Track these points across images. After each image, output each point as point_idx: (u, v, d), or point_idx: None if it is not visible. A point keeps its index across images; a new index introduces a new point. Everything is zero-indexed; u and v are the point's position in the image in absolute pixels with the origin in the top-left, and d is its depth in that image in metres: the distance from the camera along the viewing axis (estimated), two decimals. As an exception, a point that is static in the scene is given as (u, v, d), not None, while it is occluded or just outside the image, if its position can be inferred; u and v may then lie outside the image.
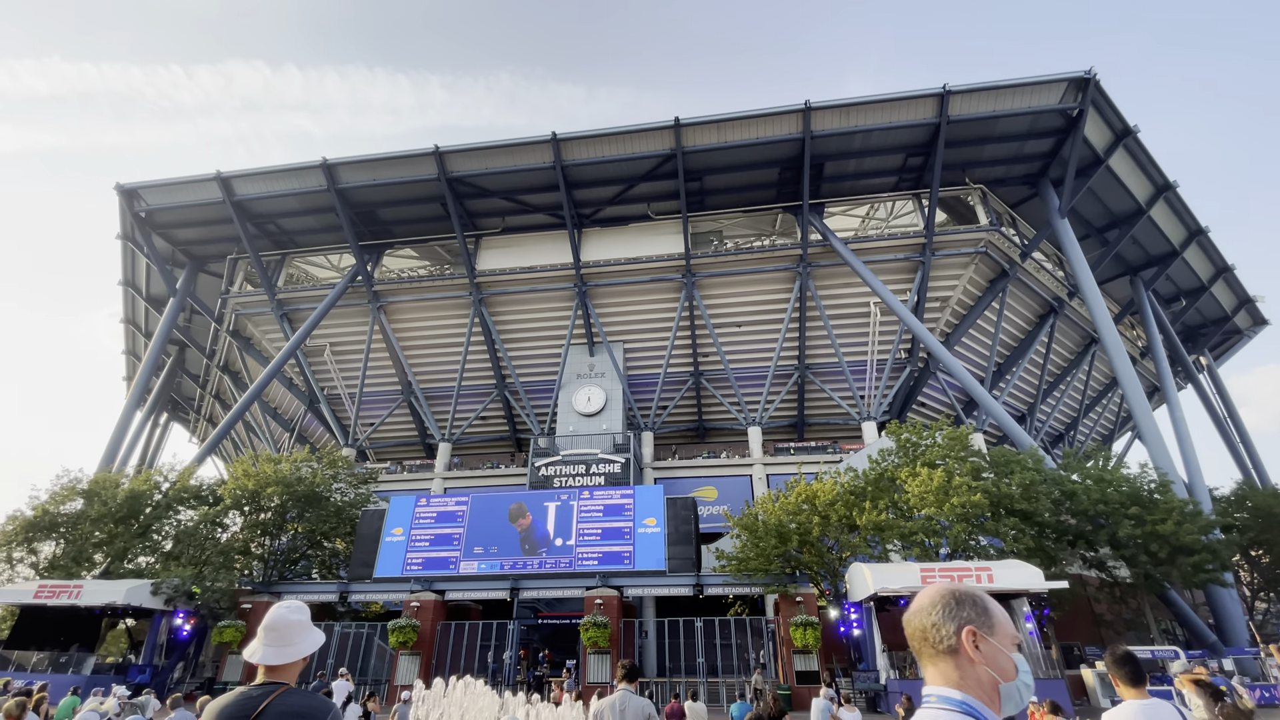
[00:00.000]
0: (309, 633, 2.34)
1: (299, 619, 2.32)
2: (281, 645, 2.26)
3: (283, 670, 2.26)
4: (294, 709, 2.15)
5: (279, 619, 2.28)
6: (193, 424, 48.43)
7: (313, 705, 2.21)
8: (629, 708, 4.35)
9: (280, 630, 2.27)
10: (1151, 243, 35.17)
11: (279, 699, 2.15)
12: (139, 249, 36.74)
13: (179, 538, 27.65)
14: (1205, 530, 22.15)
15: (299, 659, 2.30)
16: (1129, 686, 3.15)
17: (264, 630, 2.28)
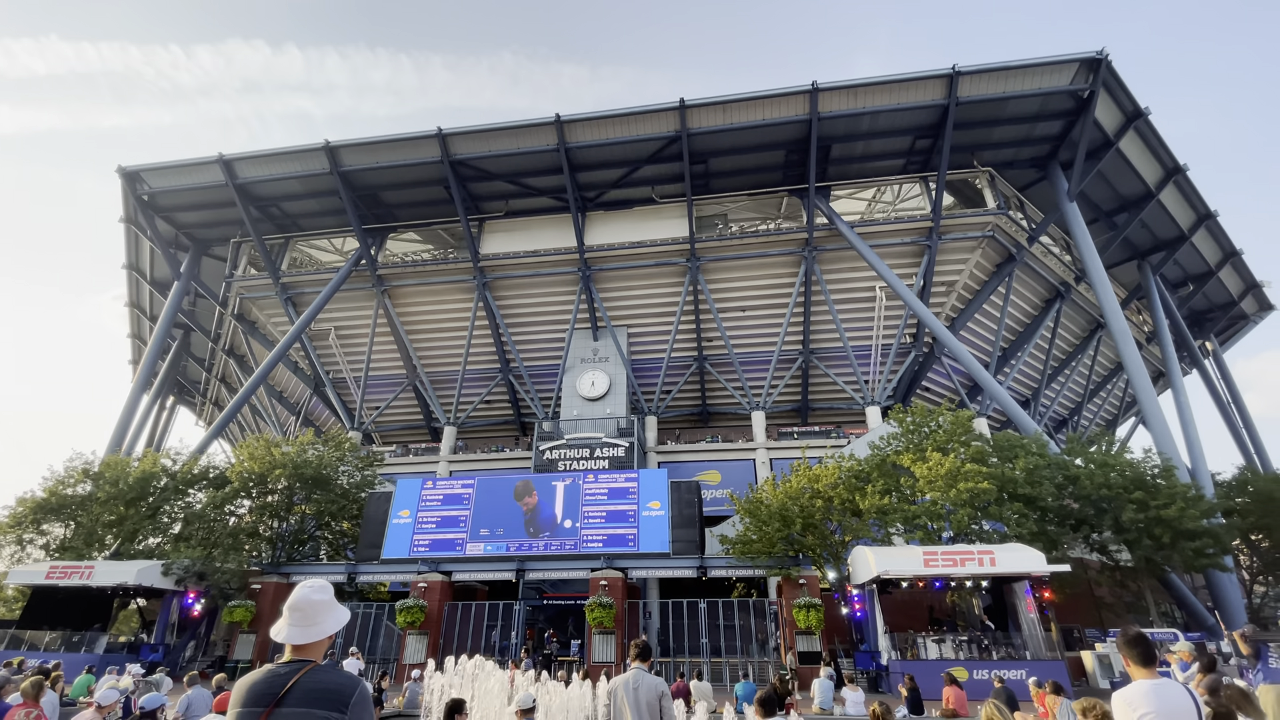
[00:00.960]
0: (333, 611, 2.37)
1: (322, 599, 2.35)
2: (306, 625, 2.29)
3: (309, 648, 2.29)
4: (322, 685, 2.17)
5: (302, 599, 2.31)
6: (199, 407, 48.74)
7: (341, 682, 2.23)
8: (642, 685, 4.42)
9: (304, 610, 2.30)
10: (1160, 227, 34.84)
11: (307, 676, 2.17)
12: (142, 232, 36.73)
13: (188, 520, 27.99)
14: (1207, 515, 22.22)
15: (324, 637, 2.32)
16: (1140, 666, 3.20)
17: (288, 610, 2.32)
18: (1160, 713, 3.02)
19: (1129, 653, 3.27)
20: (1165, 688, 3.11)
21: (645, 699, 4.35)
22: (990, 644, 18.65)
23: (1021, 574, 18.50)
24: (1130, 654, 3.26)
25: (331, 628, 2.35)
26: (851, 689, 12.78)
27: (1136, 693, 3.13)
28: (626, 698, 4.36)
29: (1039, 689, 10.10)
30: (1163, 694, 3.07)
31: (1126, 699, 3.17)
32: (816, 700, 12.85)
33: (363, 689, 2.24)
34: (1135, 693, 3.14)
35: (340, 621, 2.40)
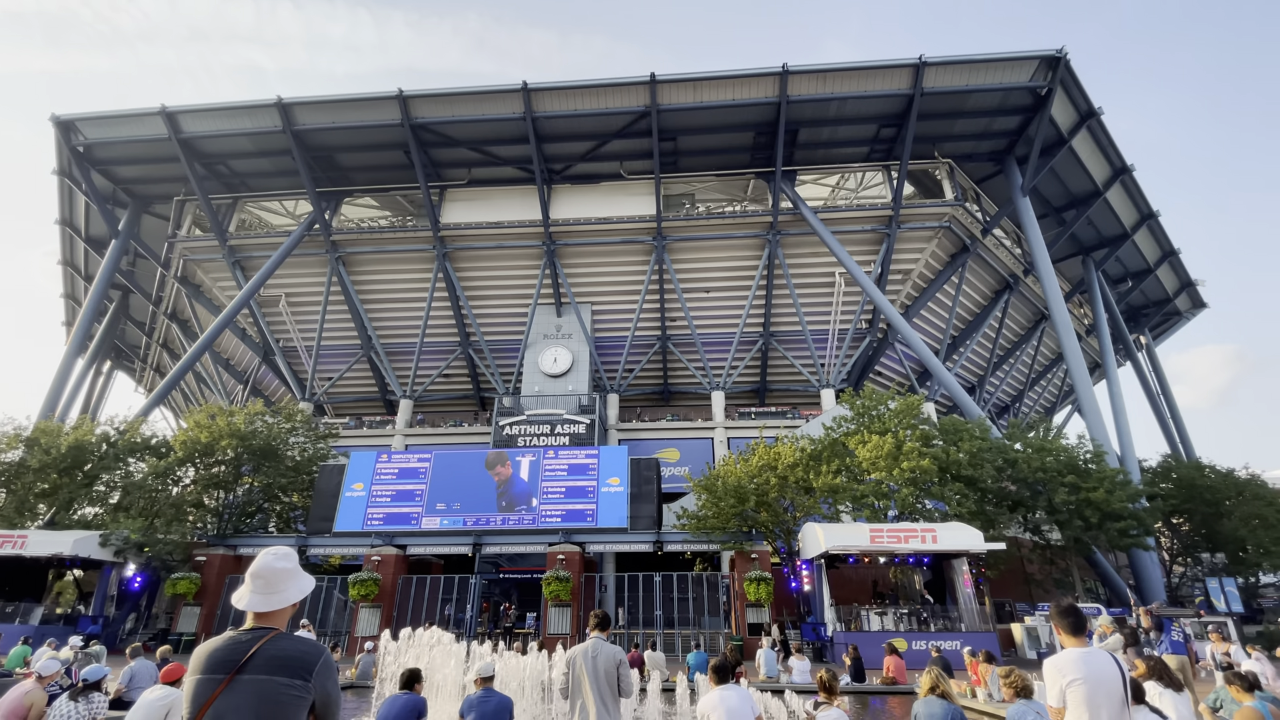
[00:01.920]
0: (297, 579, 2.32)
1: (286, 566, 2.29)
2: (269, 592, 2.25)
3: (273, 616, 2.25)
4: (285, 653, 2.13)
5: (265, 566, 2.26)
6: (139, 373, 46.54)
7: (305, 649, 2.18)
8: (601, 654, 4.52)
9: (266, 578, 2.25)
10: (1105, 224, 36.43)
11: (270, 643, 2.13)
12: (77, 186, 34.51)
13: (127, 490, 26.88)
14: (1133, 498, 23.72)
15: (288, 605, 2.28)
16: (1070, 636, 3.40)
17: (251, 577, 2.27)
18: (1087, 679, 3.20)
19: (1060, 623, 3.44)
20: (1093, 655, 3.30)
21: (603, 667, 4.45)
22: (929, 617, 19.62)
23: (961, 551, 19.45)
24: (1061, 624, 3.44)
25: (295, 596, 2.31)
26: (798, 658, 13.32)
27: (1066, 660, 3.32)
28: (585, 666, 4.46)
29: (973, 658, 10.74)
30: (1090, 661, 3.26)
31: (1057, 665, 3.34)
32: (762, 670, 13.34)
33: (327, 657, 2.21)
34: (1065, 660, 3.32)
35: (304, 590, 2.36)
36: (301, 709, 2.09)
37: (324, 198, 33.86)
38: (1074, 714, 3.24)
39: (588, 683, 4.40)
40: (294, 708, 2.07)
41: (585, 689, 4.40)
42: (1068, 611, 3.45)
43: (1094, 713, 3.18)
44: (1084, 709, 3.19)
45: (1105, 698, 3.18)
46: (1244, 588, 27.76)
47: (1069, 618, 3.44)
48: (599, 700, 4.36)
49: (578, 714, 4.39)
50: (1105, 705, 3.18)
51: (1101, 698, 3.18)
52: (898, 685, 12.39)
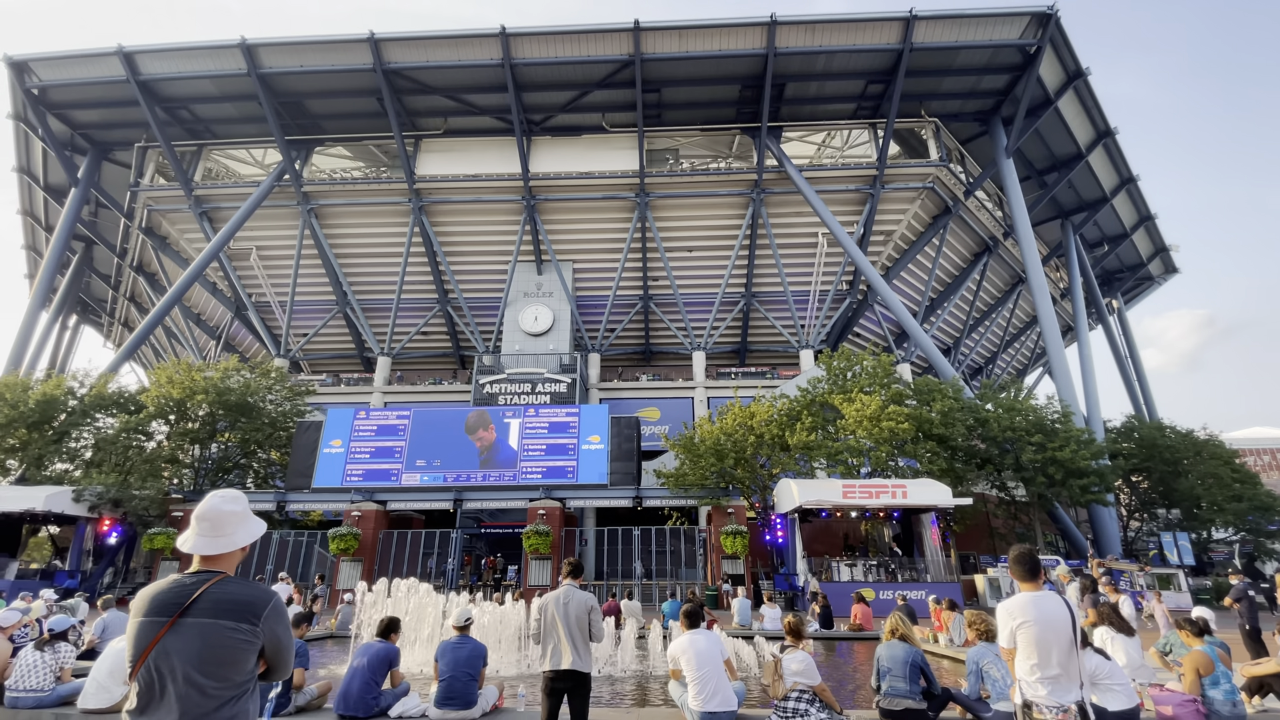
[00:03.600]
0: (245, 523, 2.22)
1: (233, 509, 2.19)
2: (215, 535, 2.14)
3: (220, 560, 2.14)
4: (232, 596, 2.02)
5: (211, 508, 2.16)
6: (106, 328, 45.31)
7: (253, 593, 2.07)
8: (572, 600, 4.62)
9: (212, 520, 2.15)
10: (1086, 188, 36.62)
11: (216, 586, 2.03)
12: (33, 131, 32.81)
13: (99, 445, 26.49)
14: (1096, 456, 24.59)
15: (235, 549, 2.18)
16: (1024, 581, 3.48)
17: (196, 519, 2.16)
18: (1037, 620, 3.27)
19: (1015, 569, 3.52)
20: (1043, 599, 3.36)
21: (575, 613, 4.56)
22: (896, 568, 20.38)
23: (929, 506, 20.09)
24: (1016, 570, 3.52)
25: (244, 539, 2.20)
26: (770, 606, 13.81)
27: (1017, 603, 3.40)
28: (557, 612, 4.56)
29: (937, 605, 11.22)
30: (1040, 604, 3.33)
31: (1008, 608, 3.42)
32: (736, 618, 13.83)
33: (277, 601, 2.10)
34: (1016, 603, 3.41)
35: (253, 534, 2.25)
36: (249, 653, 2.01)
37: (294, 146, 32.62)
38: (1024, 654, 3.32)
39: (560, 627, 4.51)
40: (241, 651, 1.99)
41: (559, 633, 4.51)
42: (1022, 558, 3.52)
43: (1044, 653, 3.26)
44: (1033, 649, 3.27)
45: (1055, 638, 3.25)
46: (1196, 542, 29.16)
47: (1023, 564, 3.50)
48: (571, 644, 4.47)
49: (550, 656, 4.50)
50: (1055, 645, 3.25)
51: (1051, 638, 3.25)
52: (865, 631, 12.93)
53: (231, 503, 2.21)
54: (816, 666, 4.74)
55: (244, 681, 2.01)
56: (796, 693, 4.61)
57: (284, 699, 5.01)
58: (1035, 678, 3.29)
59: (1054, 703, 3.22)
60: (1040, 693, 3.25)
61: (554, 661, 4.47)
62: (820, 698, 4.61)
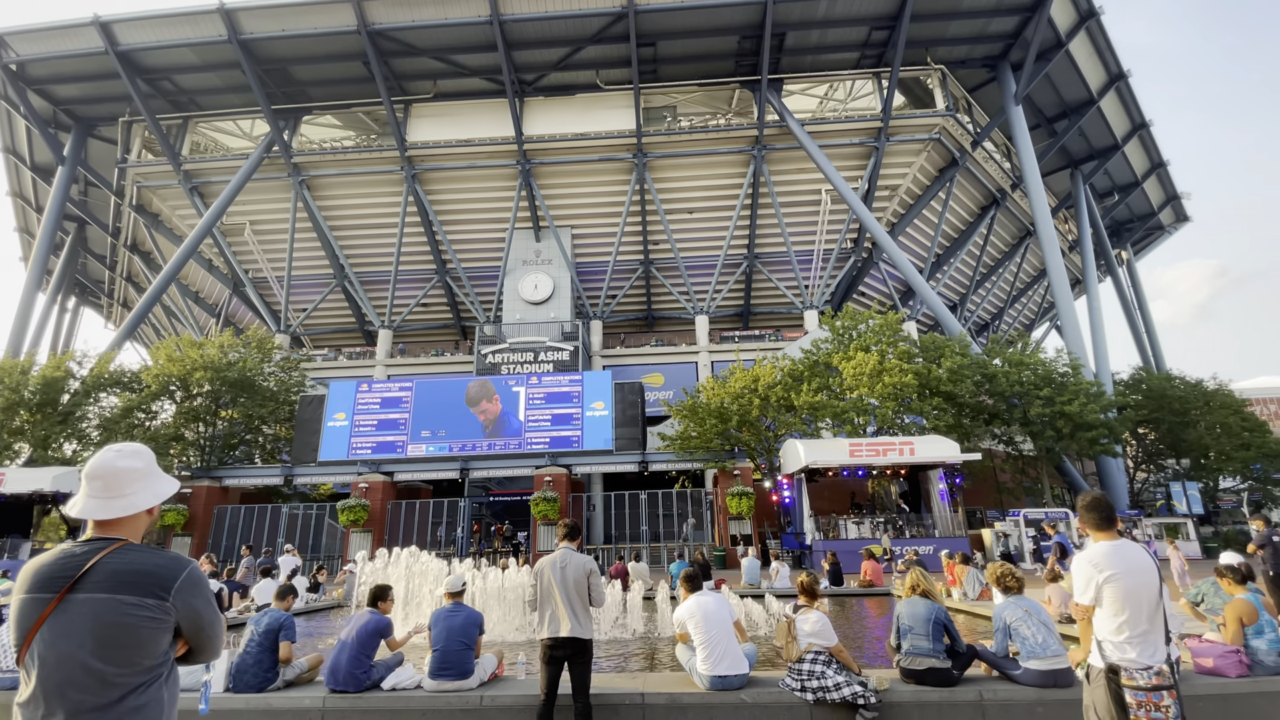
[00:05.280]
0: (147, 481, 1.87)
1: (130, 464, 1.85)
2: (109, 496, 1.81)
3: (119, 525, 1.81)
4: (133, 566, 1.71)
5: (103, 464, 1.82)
6: (106, 309, 45.05)
7: (160, 562, 1.76)
8: (570, 564, 4.40)
9: (104, 478, 1.81)
10: (1096, 135, 35.52)
11: (113, 556, 1.71)
12: (14, 109, 32.02)
13: (104, 425, 26.51)
14: (1105, 409, 24.34)
15: (136, 512, 1.84)
16: (1098, 530, 3.15)
17: (86, 478, 1.83)
18: (1125, 572, 2.97)
19: (1088, 517, 3.17)
20: (1127, 548, 3.07)
21: (573, 577, 4.35)
22: (904, 524, 20.36)
23: (938, 462, 19.95)
24: (1090, 518, 3.17)
25: (146, 501, 1.85)
26: (780, 565, 13.77)
27: (1100, 553, 3.06)
28: (554, 577, 4.35)
29: (950, 559, 11.11)
30: (1126, 554, 3.03)
31: (1091, 560, 3.07)
32: (744, 577, 13.80)
33: (193, 572, 1.78)
34: (1099, 553, 3.07)
35: (160, 494, 1.90)
36: (157, 633, 1.70)
37: (281, 116, 31.76)
38: (1110, 611, 3.00)
39: (558, 593, 4.31)
40: (146, 631, 1.68)
41: (555, 598, 4.31)
42: (1096, 504, 3.15)
43: (1134, 608, 2.95)
44: (1123, 604, 2.96)
45: (1145, 591, 2.96)
46: (1204, 492, 29.11)
47: (1098, 510, 3.14)
48: (569, 609, 4.28)
49: (548, 623, 4.31)
50: (1145, 599, 2.96)
51: (1141, 591, 2.96)
52: (875, 587, 12.89)
53: (129, 457, 1.87)
54: (832, 626, 4.53)
55: (154, 666, 1.71)
56: (812, 654, 4.41)
57: (271, 674, 4.86)
58: (1123, 637, 2.97)
59: (1144, 663, 2.90)
60: (1129, 654, 2.93)
61: (552, 629, 4.28)
62: (837, 659, 4.42)
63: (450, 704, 4.55)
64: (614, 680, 5.02)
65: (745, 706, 4.42)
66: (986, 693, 4.41)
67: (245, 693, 4.75)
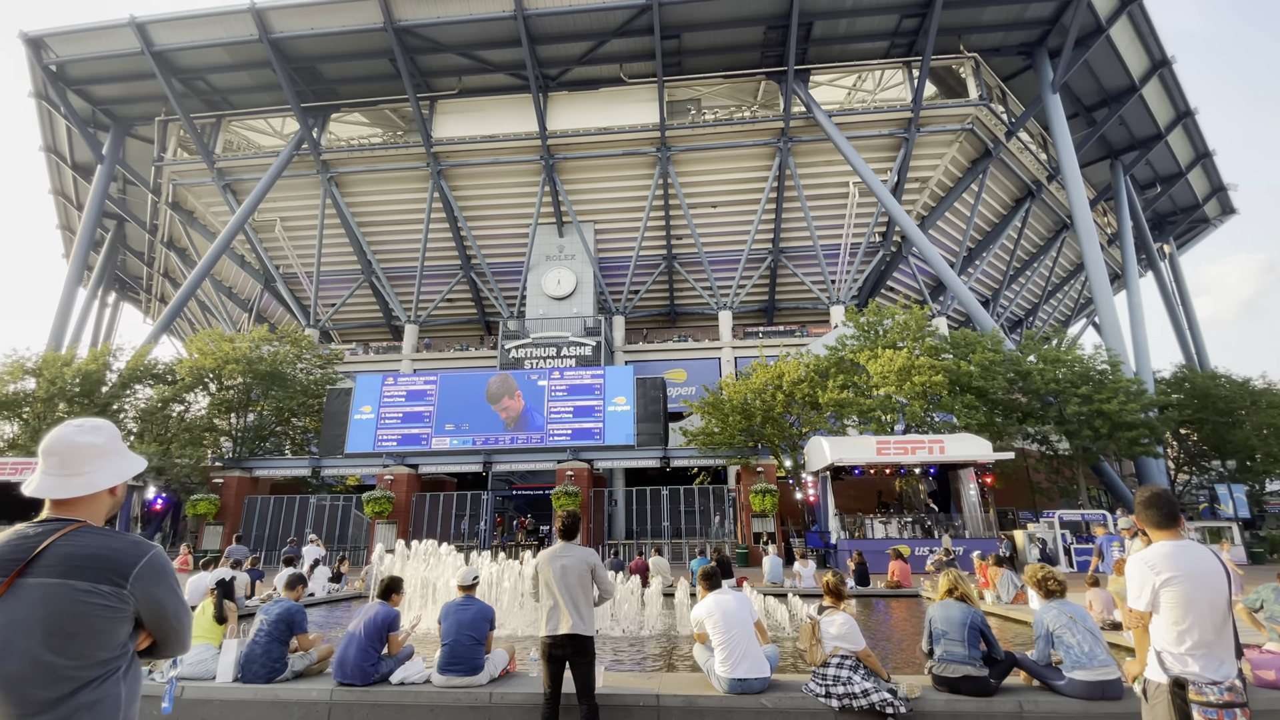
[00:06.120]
0: (109, 458, 1.72)
1: (89, 440, 1.71)
2: (66, 473, 1.67)
3: (77, 505, 1.68)
4: (88, 550, 1.57)
5: (60, 440, 1.68)
6: (145, 304, 46.35)
7: (118, 546, 1.61)
8: (569, 557, 4.23)
9: (61, 455, 1.67)
10: (1138, 124, 34.17)
11: (68, 538, 1.58)
12: (55, 109, 33.01)
13: (141, 417, 27.25)
14: (1146, 408, 23.41)
15: (96, 491, 1.69)
16: (1162, 528, 2.78)
17: (41, 454, 1.69)
18: (1188, 576, 2.62)
19: (1148, 514, 2.78)
20: (1191, 549, 2.70)
21: (574, 570, 4.19)
22: (933, 524, 19.83)
23: (968, 461, 19.38)
24: (1149, 516, 2.77)
25: (107, 480, 1.71)
26: (803, 564, 13.47)
27: (1159, 554, 2.70)
28: (552, 572, 4.19)
29: (982, 561, 10.72)
30: (1189, 556, 2.66)
31: (1148, 562, 2.71)
32: (766, 575, 13.53)
33: (154, 558, 1.64)
34: (1157, 554, 2.70)
35: (123, 473, 1.75)
36: (113, 623, 1.56)
37: (310, 114, 32.23)
38: (1171, 617, 2.64)
39: (556, 588, 4.16)
40: (100, 620, 1.54)
41: (555, 595, 4.16)
42: (1157, 500, 2.77)
43: (1197, 616, 2.60)
44: (1184, 611, 2.61)
45: (1210, 597, 2.61)
46: (1249, 495, 27.89)
47: (1158, 507, 2.76)
48: (570, 606, 4.11)
49: (546, 620, 4.16)
50: (1210, 607, 2.61)
51: (1205, 598, 2.61)
52: (902, 589, 12.52)
53: (89, 433, 1.72)
54: (859, 629, 4.29)
55: (110, 659, 1.56)
56: (837, 658, 4.18)
57: (280, 664, 4.79)
58: (1184, 648, 2.61)
59: (1210, 678, 2.56)
60: (1192, 668, 2.59)
61: (550, 625, 4.11)
62: (864, 664, 4.18)
63: (459, 700, 4.43)
64: (628, 680, 4.85)
65: (766, 712, 4.21)
66: (1027, 704, 4.14)
67: (253, 683, 4.69)
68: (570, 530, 4.37)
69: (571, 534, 4.37)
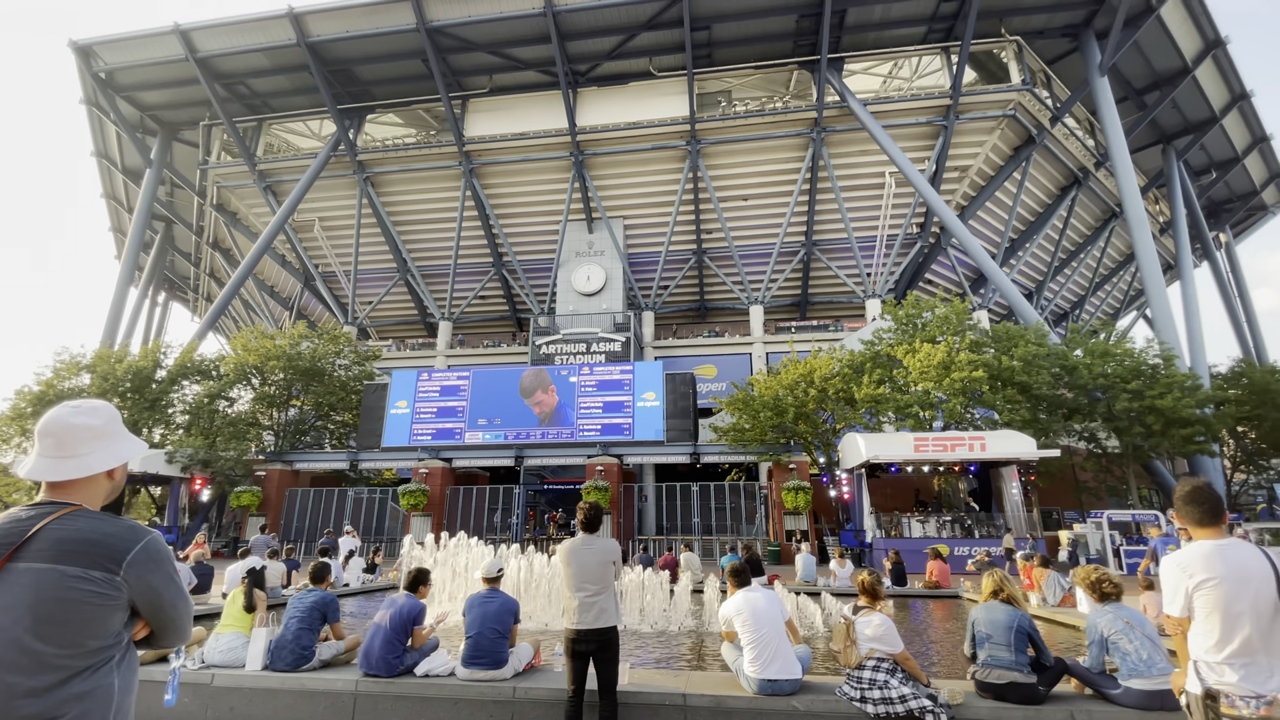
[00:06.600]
0: (106, 440, 1.66)
1: (86, 421, 1.64)
2: (61, 455, 1.60)
3: (73, 488, 1.61)
4: (82, 534, 1.51)
5: (55, 420, 1.61)
6: (192, 304, 48.04)
7: (111, 532, 1.54)
8: (592, 548, 4.14)
9: (57, 436, 1.60)
10: (1191, 107, 32.47)
11: (60, 522, 1.52)
12: (105, 115, 34.35)
13: (189, 411, 28.26)
14: (1203, 404, 22.29)
15: (92, 474, 1.63)
16: (1203, 526, 2.52)
17: (37, 436, 1.63)
18: (1225, 578, 2.36)
19: (1188, 511, 2.53)
20: (1232, 549, 2.43)
21: (595, 561, 4.10)
22: (973, 524, 19.23)
23: (1011, 459, 18.72)
24: (1189, 513, 2.52)
25: (104, 462, 1.64)
26: (840, 563, 13.17)
27: (1194, 555, 2.43)
28: (575, 564, 4.10)
29: (1026, 561, 10.29)
30: (1229, 556, 2.40)
31: (1180, 563, 2.47)
32: (799, 574, 13.27)
33: (151, 543, 1.57)
34: (1192, 555, 2.44)
35: (121, 456, 1.68)
36: (104, 610, 1.49)
37: (346, 115, 32.89)
38: (1206, 624, 2.40)
39: (580, 579, 4.07)
40: (91, 608, 1.47)
41: (578, 585, 4.07)
42: (1198, 495, 2.51)
43: (1234, 622, 2.34)
44: (1220, 616, 2.36)
45: (1251, 602, 2.33)
46: (1316, 496, 26.35)
47: (1199, 503, 2.51)
48: (593, 596, 4.02)
49: (570, 614, 4.07)
50: (1250, 613, 2.33)
51: (1245, 603, 2.33)
52: (941, 589, 12.13)
53: (86, 414, 1.65)
54: (897, 630, 4.09)
55: (102, 648, 1.50)
56: (873, 661, 3.99)
57: (309, 653, 4.82)
58: (1221, 656, 2.36)
59: (1249, 690, 2.30)
60: (1229, 678, 2.34)
61: (573, 619, 4.02)
62: (902, 667, 3.98)
63: (482, 694, 4.39)
64: (654, 677, 4.74)
65: (797, 714, 4.05)
66: (1079, 713, 3.88)
67: (282, 671, 4.73)
68: (592, 522, 4.27)
69: (594, 526, 4.27)
